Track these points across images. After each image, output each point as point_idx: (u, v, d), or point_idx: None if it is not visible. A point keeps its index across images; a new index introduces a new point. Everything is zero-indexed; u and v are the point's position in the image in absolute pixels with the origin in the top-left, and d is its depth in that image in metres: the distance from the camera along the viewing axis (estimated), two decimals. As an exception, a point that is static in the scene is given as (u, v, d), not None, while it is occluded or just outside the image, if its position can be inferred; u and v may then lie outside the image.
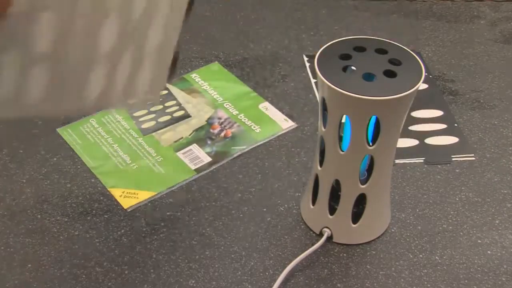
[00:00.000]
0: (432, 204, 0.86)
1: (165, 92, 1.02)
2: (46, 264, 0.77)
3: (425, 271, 0.77)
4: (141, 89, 0.69)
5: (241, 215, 0.83)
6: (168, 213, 0.83)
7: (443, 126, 0.98)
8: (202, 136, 0.94)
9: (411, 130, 0.96)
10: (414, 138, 0.95)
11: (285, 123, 0.97)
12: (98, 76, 0.62)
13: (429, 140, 0.95)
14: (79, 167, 0.89)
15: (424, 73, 0.69)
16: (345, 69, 0.70)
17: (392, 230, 0.82)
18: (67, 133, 0.94)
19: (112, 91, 0.66)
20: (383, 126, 0.71)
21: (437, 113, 1.00)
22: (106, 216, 0.83)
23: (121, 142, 0.93)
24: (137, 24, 0.66)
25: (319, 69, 0.69)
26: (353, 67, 0.70)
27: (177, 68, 0.75)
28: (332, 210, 0.79)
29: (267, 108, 1.00)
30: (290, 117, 0.98)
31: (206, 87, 1.03)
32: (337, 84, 0.68)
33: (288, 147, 0.93)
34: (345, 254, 0.79)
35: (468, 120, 0.99)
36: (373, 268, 0.77)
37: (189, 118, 0.97)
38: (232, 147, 0.93)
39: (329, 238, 0.80)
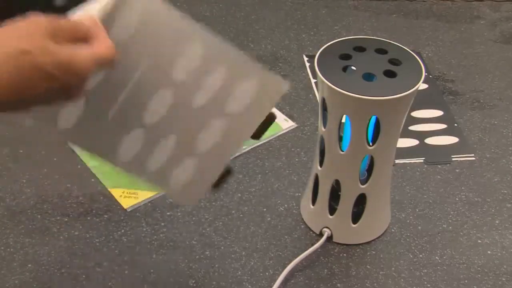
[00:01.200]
0: (432, 204, 0.85)
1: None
2: (46, 264, 0.77)
3: (425, 271, 0.77)
4: (174, 181, 0.61)
5: (241, 215, 0.83)
6: (168, 213, 0.83)
7: (443, 126, 0.98)
8: (202, 136, 0.94)
9: (411, 130, 0.96)
10: (414, 138, 0.95)
11: (285, 123, 0.97)
12: (136, 139, 0.58)
13: (429, 140, 0.95)
14: (79, 167, 0.89)
15: (424, 73, 0.69)
16: (345, 69, 0.70)
17: (392, 230, 0.82)
18: (67, 133, 0.94)
19: (143, 160, 0.60)
20: (383, 126, 0.71)
21: (437, 113, 1.00)
22: (106, 216, 0.82)
23: (121, 142, 0.93)
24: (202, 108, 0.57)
25: (319, 69, 0.69)
26: (353, 67, 0.70)
27: (223, 185, 0.65)
28: (332, 210, 0.79)
29: (267, 108, 0.99)
30: (290, 117, 0.98)
31: (206, 87, 1.03)
32: (337, 84, 0.68)
33: (288, 147, 0.93)
34: (345, 254, 0.79)
35: (468, 120, 0.99)
36: (373, 268, 0.77)
37: (189, 118, 0.97)
38: (232, 147, 0.92)
39: (329, 238, 0.80)
